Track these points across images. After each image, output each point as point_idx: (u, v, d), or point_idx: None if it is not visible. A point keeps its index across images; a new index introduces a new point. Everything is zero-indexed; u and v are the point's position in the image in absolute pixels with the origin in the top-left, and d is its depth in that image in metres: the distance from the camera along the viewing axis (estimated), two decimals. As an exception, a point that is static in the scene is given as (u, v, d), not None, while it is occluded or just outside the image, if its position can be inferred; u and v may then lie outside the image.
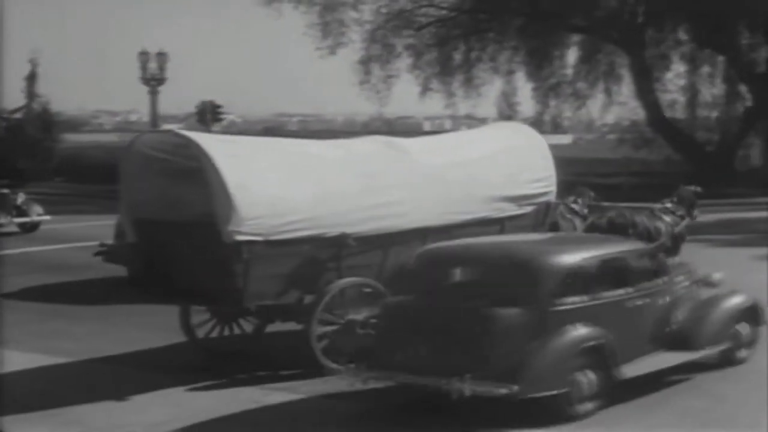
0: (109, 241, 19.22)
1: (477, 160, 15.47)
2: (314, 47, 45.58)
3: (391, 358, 11.20)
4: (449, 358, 10.78)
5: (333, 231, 13.32)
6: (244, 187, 12.70)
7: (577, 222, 17.86)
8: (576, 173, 57.26)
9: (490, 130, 18.77)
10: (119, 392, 12.18)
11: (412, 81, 47.29)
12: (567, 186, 17.94)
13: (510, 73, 47.63)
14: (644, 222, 16.66)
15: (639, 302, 12.00)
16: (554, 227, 16.76)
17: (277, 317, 13.98)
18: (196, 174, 13.21)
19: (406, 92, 50.27)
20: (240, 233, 12.57)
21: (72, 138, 54.42)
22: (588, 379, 10.94)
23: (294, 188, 13.33)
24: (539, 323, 10.83)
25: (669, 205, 18.09)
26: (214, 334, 14.47)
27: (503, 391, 10.36)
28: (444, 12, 46.29)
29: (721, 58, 45.32)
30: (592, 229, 16.90)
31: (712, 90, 46.59)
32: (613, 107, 48.24)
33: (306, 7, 45.10)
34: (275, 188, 13.15)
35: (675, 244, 17.41)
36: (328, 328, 13.05)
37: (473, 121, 48.11)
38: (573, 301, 11.13)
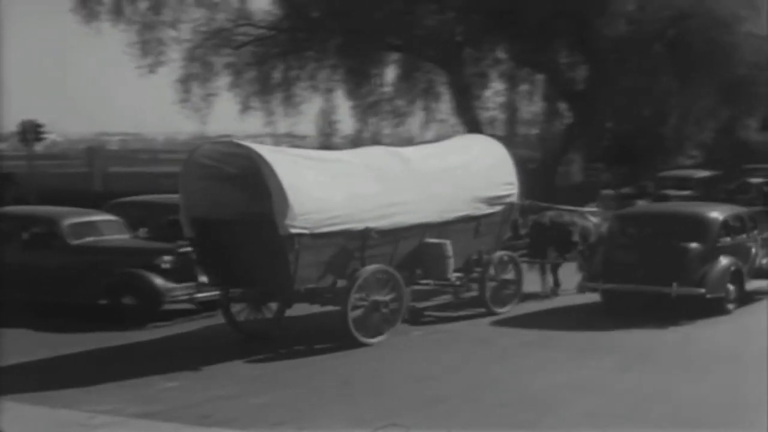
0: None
1: (459, 167, 18.92)
2: (134, 66, 45.15)
3: (621, 276, 18.68)
4: (662, 273, 18.23)
5: (360, 226, 16.48)
6: (296, 188, 15.59)
7: None
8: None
9: (463, 141, 21.75)
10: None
11: (232, 99, 47.30)
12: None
13: (329, 91, 47.79)
14: (578, 222, 21.47)
15: (749, 244, 19.89)
16: (514, 225, 20.86)
17: (312, 300, 16.81)
18: (237, 179, 16.65)
19: (226, 111, 50.21)
20: (293, 227, 15.46)
21: None
22: (732, 289, 18.86)
23: (330, 190, 16.31)
24: (710, 253, 18.71)
25: (594, 208, 22.92)
26: (242, 317, 17.41)
27: (699, 290, 18.20)
28: (262, 31, 46.29)
29: (540, 77, 46.51)
30: (536, 227, 21.30)
31: (531, 108, 47.73)
32: (433, 124, 48.87)
33: (125, 26, 44.74)
34: (317, 189, 16.09)
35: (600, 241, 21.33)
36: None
37: (293, 139, 48.29)
38: (724, 241, 19.15)
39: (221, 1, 45.93)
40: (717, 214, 19.41)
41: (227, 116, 52.72)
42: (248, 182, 16.50)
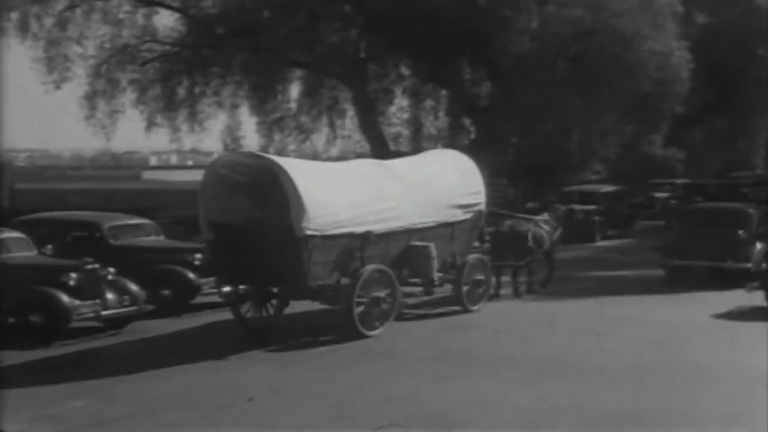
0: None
1: (435, 177, 20.83)
2: (40, 82, 44.71)
3: (690, 255, 25.09)
4: (720, 252, 24.57)
5: (360, 229, 18.30)
6: (309, 195, 17.36)
7: None
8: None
9: (436, 154, 24.17)
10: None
11: (138, 116, 47.04)
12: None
13: (234, 107, 47.89)
14: (533, 230, 23.51)
15: None
16: (480, 231, 22.50)
17: (319, 297, 18.66)
18: (244, 186, 18.60)
19: (131, 127, 49.90)
20: (308, 229, 17.26)
21: None
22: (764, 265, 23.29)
23: (334, 197, 18.10)
24: (751, 239, 24.89)
25: (547, 218, 24.60)
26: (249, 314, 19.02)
27: (747, 265, 23.82)
28: (167, 47, 46.09)
29: (444, 93, 46.99)
30: (496, 235, 23.27)
31: (435, 123, 48.50)
32: (338, 141, 49.29)
33: (31, 41, 44.39)
34: (325, 196, 17.83)
35: (552, 247, 24.35)
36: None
37: (199, 155, 48.13)
38: (759, 230, 25.24)
39: (127, 17, 45.72)
40: (753, 210, 26.22)
41: (133, 132, 52.47)
42: (254, 189, 18.68)
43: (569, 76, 41.47)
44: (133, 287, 19.32)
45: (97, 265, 18.59)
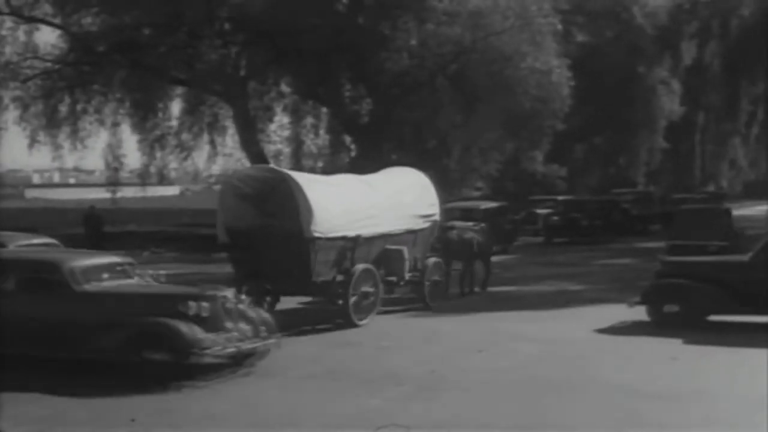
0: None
1: (402, 190, 23.85)
2: None
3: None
4: None
5: (352, 233, 21.30)
6: (316, 202, 20.44)
7: None
8: (184, 224, 58.01)
9: (397, 172, 25.96)
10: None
11: (20, 133, 46.40)
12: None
13: (115, 125, 47.42)
14: (476, 237, 26.44)
15: None
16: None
17: (320, 293, 21.59)
18: (251, 197, 21.81)
19: (14, 145, 49.32)
20: (315, 231, 20.32)
21: None
22: None
23: (333, 204, 21.05)
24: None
25: (482, 225, 27.88)
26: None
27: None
28: (49, 64, 45.55)
29: (324, 110, 47.18)
30: (445, 241, 25.78)
31: (316, 141, 48.71)
32: (219, 158, 49.33)
33: None
34: (327, 204, 20.78)
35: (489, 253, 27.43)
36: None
37: (81, 173, 47.69)
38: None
39: (8, 34, 45.04)
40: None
41: (16, 150, 51.82)
42: (261, 199, 21.74)
43: (449, 93, 41.89)
44: (266, 315, 17.11)
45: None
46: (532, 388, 15.12)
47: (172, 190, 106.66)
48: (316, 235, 20.39)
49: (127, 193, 50.69)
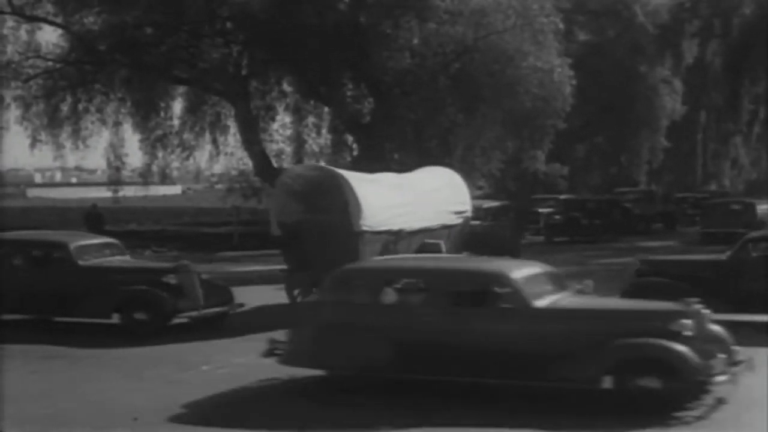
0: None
1: (437, 188, 25.61)
2: None
3: None
4: None
5: (395, 227, 22.76)
6: (364, 197, 22.00)
7: None
8: (186, 223, 57.99)
9: (433, 172, 27.73)
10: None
11: (22, 132, 46.31)
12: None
13: (117, 124, 47.28)
14: (505, 233, 29.39)
15: None
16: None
17: None
18: (298, 194, 23.37)
19: (16, 144, 49.41)
20: (364, 225, 21.84)
21: None
22: None
23: (378, 200, 22.56)
24: None
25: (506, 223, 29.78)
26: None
27: None
28: (50, 63, 45.40)
29: (326, 109, 47.13)
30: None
31: (318, 140, 48.82)
32: (221, 157, 49.23)
33: None
34: (372, 200, 22.31)
35: None
36: None
37: (83, 172, 47.70)
38: None
39: (10, 33, 44.96)
40: None
41: (18, 150, 51.88)
42: (310, 196, 23.16)
43: (451, 92, 41.75)
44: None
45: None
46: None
47: (173, 190, 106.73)
48: (365, 228, 21.85)
49: (129, 192, 50.65)
